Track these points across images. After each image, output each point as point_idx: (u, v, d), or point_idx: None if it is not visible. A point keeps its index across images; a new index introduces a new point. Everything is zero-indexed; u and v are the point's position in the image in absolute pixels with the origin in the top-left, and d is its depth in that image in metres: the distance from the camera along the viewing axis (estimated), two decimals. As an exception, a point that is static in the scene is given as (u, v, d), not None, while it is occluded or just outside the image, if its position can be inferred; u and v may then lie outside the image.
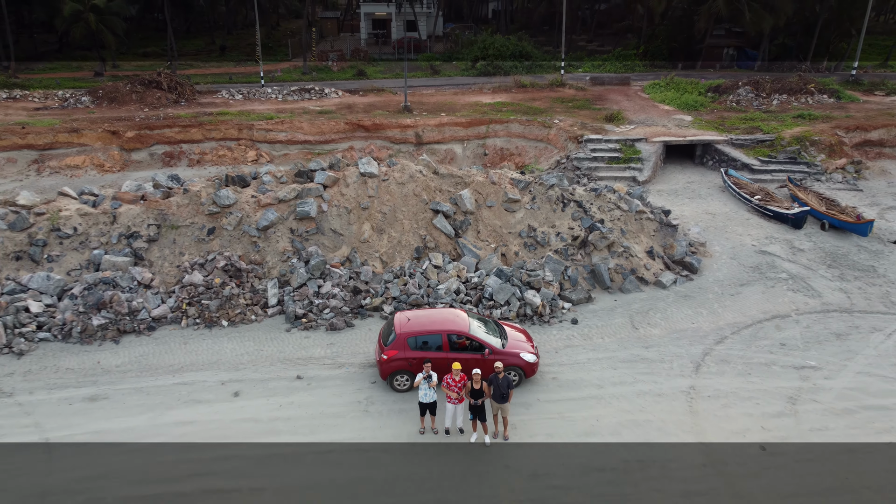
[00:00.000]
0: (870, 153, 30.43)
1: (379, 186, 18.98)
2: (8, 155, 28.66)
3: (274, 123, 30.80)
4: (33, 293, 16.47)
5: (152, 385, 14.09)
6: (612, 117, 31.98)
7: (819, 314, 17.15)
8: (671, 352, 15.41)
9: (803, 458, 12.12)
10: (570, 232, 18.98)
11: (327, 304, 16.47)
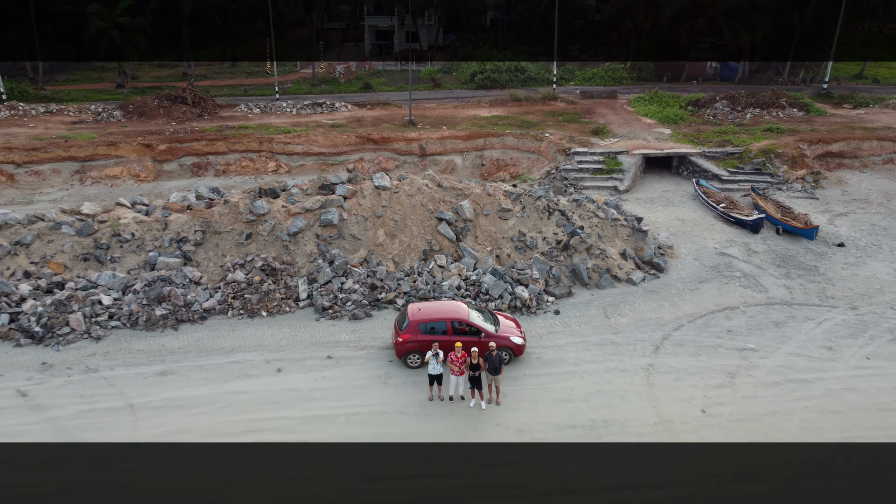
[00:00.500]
0: (830, 164, 33.54)
1: (391, 198, 22.05)
2: (53, 166, 31.71)
3: (291, 137, 33.87)
4: (102, 289, 19.51)
5: (209, 363, 17.16)
6: (598, 131, 35.08)
7: (763, 306, 20.24)
8: (636, 337, 18.49)
9: (734, 419, 15.19)
10: (554, 237, 22.06)
11: (349, 297, 19.53)
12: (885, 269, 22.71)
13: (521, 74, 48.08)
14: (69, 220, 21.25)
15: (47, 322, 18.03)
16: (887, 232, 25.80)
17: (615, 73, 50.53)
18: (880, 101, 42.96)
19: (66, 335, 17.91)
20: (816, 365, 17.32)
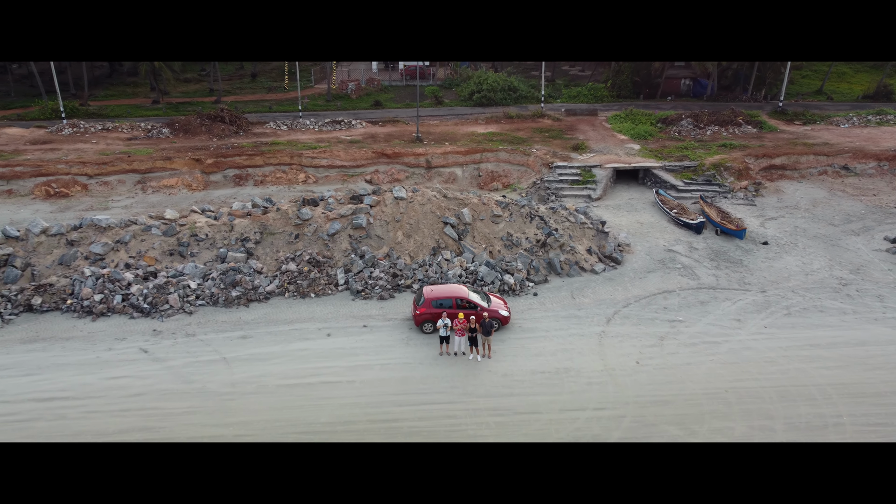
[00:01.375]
0: (773, 175, 39.42)
1: (407, 206, 27.89)
2: (119, 177, 37.50)
3: (318, 152, 39.68)
4: (188, 277, 25.32)
5: (276, 330, 23.00)
6: (578, 146, 40.94)
7: (694, 290, 26.14)
8: (594, 312, 24.36)
9: (659, 368, 21.06)
10: (535, 236, 27.92)
11: (377, 283, 25.37)
12: (795, 262, 28.62)
13: (514, 93, 53.90)
14: (156, 224, 27.10)
15: (152, 300, 23.87)
16: (805, 233, 31.71)
17: (597, 91, 56.37)
18: (826, 118, 48.87)
19: (167, 310, 23.75)
20: (725, 332, 23.21)
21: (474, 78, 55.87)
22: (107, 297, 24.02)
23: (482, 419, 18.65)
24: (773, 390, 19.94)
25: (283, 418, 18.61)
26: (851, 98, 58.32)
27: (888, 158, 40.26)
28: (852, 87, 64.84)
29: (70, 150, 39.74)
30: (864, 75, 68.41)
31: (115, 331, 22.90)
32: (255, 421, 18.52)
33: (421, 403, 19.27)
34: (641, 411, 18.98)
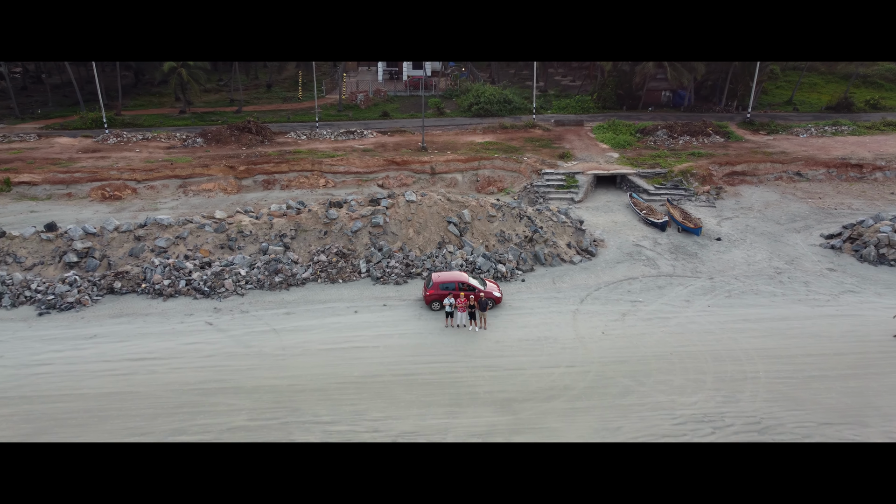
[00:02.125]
0: (734, 180, 44.77)
1: (417, 208, 33.20)
2: (163, 182, 42.76)
3: (335, 160, 44.97)
4: (238, 266, 30.61)
5: (313, 308, 28.31)
6: (564, 155, 46.26)
7: (654, 277, 31.48)
8: (570, 294, 29.70)
9: (619, 336, 26.38)
10: (523, 233, 33.25)
11: (393, 271, 30.67)
12: (741, 254, 33.98)
13: (509, 105, 59.16)
14: (209, 222, 32.40)
15: (211, 285, 29.18)
16: (754, 230, 37.08)
17: (584, 103, 61.65)
18: (788, 128, 54.23)
19: (223, 293, 29.06)
20: (676, 310, 28.56)
21: (473, 91, 61.16)
22: (173, 282, 29.33)
23: (479, 374, 23.96)
24: (707, 353, 25.28)
25: (325, 373, 23.91)
26: (816, 109, 63.62)
27: (836, 165, 45.64)
28: (821, 97, 70.02)
29: (119, 158, 45.02)
30: (834, 86, 73.67)
31: (183, 308, 28.23)
32: (303, 375, 23.81)
33: (431, 363, 24.59)
34: (603, 368, 24.30)
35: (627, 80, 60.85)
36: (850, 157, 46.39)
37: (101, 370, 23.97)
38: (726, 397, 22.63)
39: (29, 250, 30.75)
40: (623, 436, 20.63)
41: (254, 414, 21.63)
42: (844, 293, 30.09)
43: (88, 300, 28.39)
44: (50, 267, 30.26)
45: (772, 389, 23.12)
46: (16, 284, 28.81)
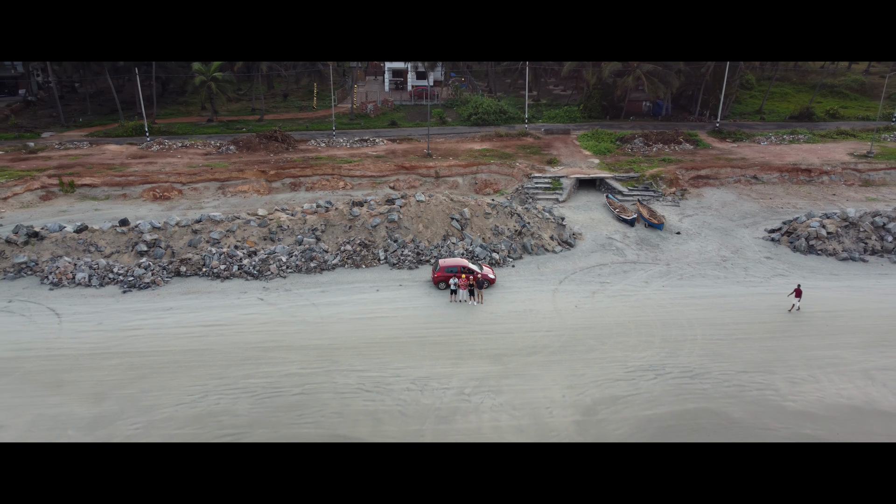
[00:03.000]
0: (699, 183, 51.15)
1: (425, 207, 39.60)
2: (204, 184, 49.10)
3: (352, 165, 51.34)
4: (280, 253, 36.98)
5: (343, 287, 34.70)
6: (551, 161, 52.65)
7: (621, 264, 37.90)
8: (551, 277, 36.11)
9: (588, 309, 32.80)
10: (514, 228, 39.66)
11: (406, 258, 37.07)
12: (696, 246, 40.42)
13: (504, 115, 65.51)
14: (253, 218, 38.79)
15: (259, 269, 35.58)
16: (710, 226, 43.51)
17: (572, 113, 68.07)
18: (751, 136, 60.67)
19: (269, 275, 35.45)
20: (636, 289, 34.98)
21: (472, 102, 67.55)
22: (228, 266, 35.73)
23: (476, 336, 30.37)
24: (658, 322, 31.69)
25: (355, 336, 30.30)
26: (782, 118, 70.04)
27: (787, 170, 52.09)
28: (789, 106, 76.29)
29: (164, 164, 51.39)
30: (803, 95, 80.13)
31: (238, 288, 34.63)
32: (338, 337, 30.20)
33: (439, 328, 30.99)
34: (574, 332, 30.70)
35: (611, 92, 67.24)
36: (801, 163, 52.85)
37: (180, 333, 30.38)
38: (669, 353, 29.05)
39: (107, 241, 37.14)
40: (586, 380, 27.04)
41: (303, 364, 28.03)
42: (776, 276, 36.55)
43: (161, 281, 34.79)
44: (125, 255, 36.65)
45: (705, 348, 29.54)
46: (101, 268, 35.19)
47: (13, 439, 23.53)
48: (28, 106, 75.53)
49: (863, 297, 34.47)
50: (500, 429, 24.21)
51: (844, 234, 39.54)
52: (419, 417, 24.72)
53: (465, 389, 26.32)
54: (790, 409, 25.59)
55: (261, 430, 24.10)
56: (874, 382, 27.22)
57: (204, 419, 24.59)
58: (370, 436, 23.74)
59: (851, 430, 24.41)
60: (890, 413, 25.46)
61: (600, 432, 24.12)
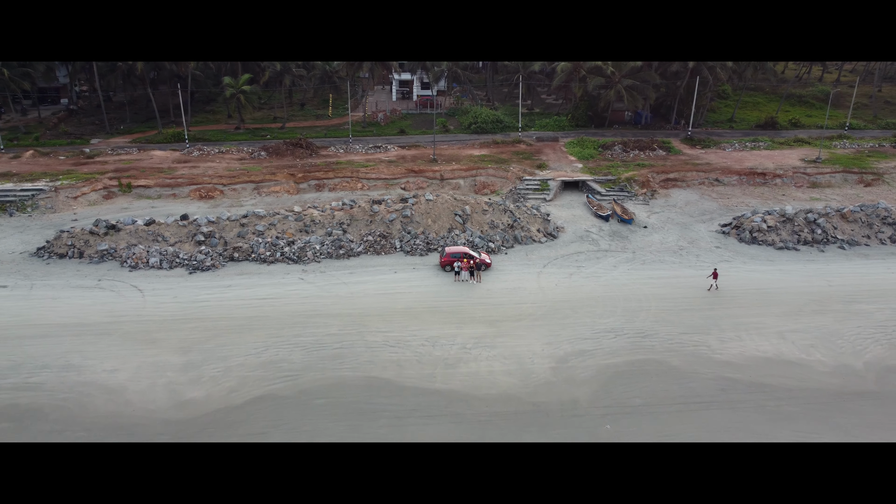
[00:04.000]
0: (668, 184, 58.59)
1: (433, 204, 47.08)
2: (241, 186, 56.56)
3: (368, 169, 58.81)
4: (314, 243, 44.45)
5: (367, 269, 42.19)
6: (540, 165, 60.12)
7: (594, 252, 45.41)
8: (537, 262, 43.61)
9: (566, 287, 40.31)
10: (507, 222, 47.17)
11: (417, 247, 44.56)
12: (658, 237, 47.91)
13: (500, 124, 72.95)
14: (290, 214, 46.29)
15: (298, 255, 43.08)
16: (673, 221, 51.00)
17: (561, 122, 75.52)
18: (718, 144, 68.13)
19: (306, 260, 42.95)
20: (606, 272, 42.48)
21: (472, 112, 75.04)
22: (272, 253, 43.23)
23: (475, 307, 37.82)
24: (620, 296, 39.16)
25: (380, 306, 37.74)
26: (749, 126, 77.46)
27: (745, 174, 59.56)
28: (760, 115, 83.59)
29: (206, 168, 58.88)
30: (774, 105, 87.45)
31: (282, 270, 42.12)
32: (366, 307, 37.64)
33: (446, 301, 38.48)
34: (553, 304, 38.16)
35: (595, 104, 74.69)
36: (757, 167, 60.36)
37: (240, 304, 37.88)
38: (627, 320, 36.55)
39: (171, 232, 44.65)
40: (561, 338, 34.49)
41: (340, 327, 35.51)
42: (722, 262, 44.04)
43: (219, 264, 42.30)
44: (186, 244, 44.14)
45: (656, 316, 37.04)
46: (169, 254, 42.70)
47: (125, 380, 31.01)
48: (71, 114, 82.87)
49: (790, 278, 42.02)
50: (494, 372, 31.72)
51: (782, 228, 47.07)
52: (432, 364, 32.23)
53: (467, 345, 33.84)
54: (717, 359, 33.11)
55: (311, 373, 31.60)
56: (785, 341, 34.74)
57: (267, 365, 32.10)
58: (395, 377, 31.23)
59: (761, 374, 31.94)
60: (792, 362, 33.01)
61: (570, 375, 31.63)
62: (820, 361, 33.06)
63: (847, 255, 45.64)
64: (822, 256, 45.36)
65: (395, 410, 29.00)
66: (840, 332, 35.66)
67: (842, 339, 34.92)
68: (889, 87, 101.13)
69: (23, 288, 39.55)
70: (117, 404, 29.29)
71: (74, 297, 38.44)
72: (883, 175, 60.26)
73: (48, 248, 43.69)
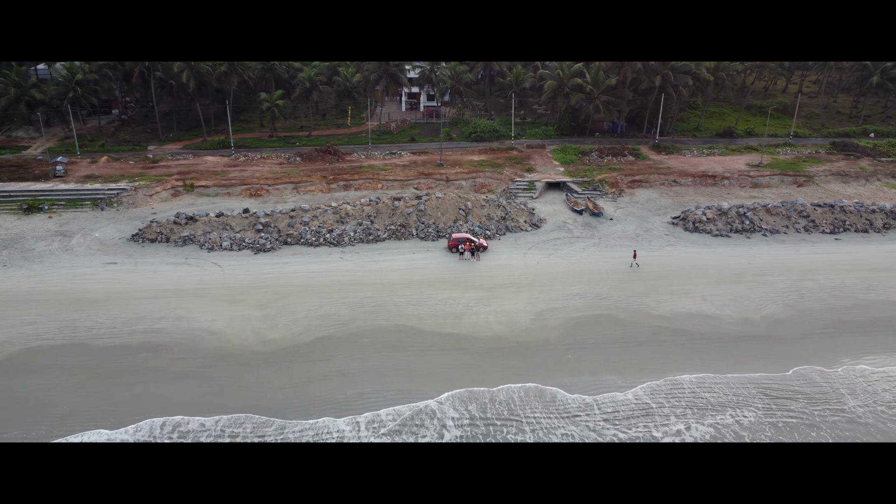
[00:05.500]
0: (634, 185, 69.90)
1: (442, 200, 58.48)
2: (283, 186, 67.88)
3: (386, 172, 70.13)
4: (349, 230, 55.83)
5: (391, 251, 53.61)
6: (529, 169, 71.47)
7: (569, 238, 56.84)
8: (523, 245, 55.01)
9: (545, 264, 51.69)
10: (500, 215, 58.58)
11: (430, 234, 55.99)
12: (621, 227, 59.33)
13: (496, 133, 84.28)
14: (329, 208, 57.72)
15: (337, 240, 54.52)
16: (634, 215, 62.39)
17: (548, 131, 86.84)
18: (679, 150, 79.50)
19: (344, 244, 54.36)
20: (576, 253, 53.90)
21: (472, 123, 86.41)
22: (317, 238, 54.62)
23: (475, 277, 49.19)
24: (585, 271, 50.54)
25: (402, 278, 49.07)
26: (710, 135, 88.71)
27: (698, 176, 70.92)
28: (723, 123, 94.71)
29: (253, 171, 70.22)
30: (736, 115, 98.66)
31: (325, 251, 53.51)
32: (392, 279, 48.95)
33: (453, 273, 49.86)
34: (535, 276, 49.54)
35: (578, 115, 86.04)
36: (709, 171, 71.77)
37: (297, 276, 49.26)
38: (589, 287, 47.94)
39: (236, 223, 56.05)
40: (539, 300, 45.85)
41: (373, 292, 46.82)
42: (667, 246, 55.48)
43: (276, 247, 53.71)
44: (249, 231, 55.51)
45: (612, 285, 48.44)
46: (237, 239, 54.08)
47: (222, 326, 42.38)
48: (124, 124, 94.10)
49: (719, 258, 53.47)
50: (489, 322, 43.09)
51: (718, 220, 58.55)
52: (443, 316, 43.62)
53: (469, 304, 45.23)
54: (653, 314, 44.51)
55: (356, 322, 42.97)
56: (706, 302, 46.17)
57: (324, 317, 43.46)
58: (417, 325, 42.56)
59: (684, 324, 43.31)
60: (708, 315, 44.42)
61: (544, 324, 43.01)
62: (729, 315, 44.51)
63: (768, 241, 57.16)
64: (747, 242, 56.86)
65: (419, 346, 40.40)
66: (748, 296, 47.09)
67: (748, 301, 46.35)
68: (844, 98, 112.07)
69: (129, 264, 50.98)
70: (220, 342, 40.69)
71: (170, 271, 49.86)
72: (813, 177, 71.71)
73: (141, 234, 55.09)
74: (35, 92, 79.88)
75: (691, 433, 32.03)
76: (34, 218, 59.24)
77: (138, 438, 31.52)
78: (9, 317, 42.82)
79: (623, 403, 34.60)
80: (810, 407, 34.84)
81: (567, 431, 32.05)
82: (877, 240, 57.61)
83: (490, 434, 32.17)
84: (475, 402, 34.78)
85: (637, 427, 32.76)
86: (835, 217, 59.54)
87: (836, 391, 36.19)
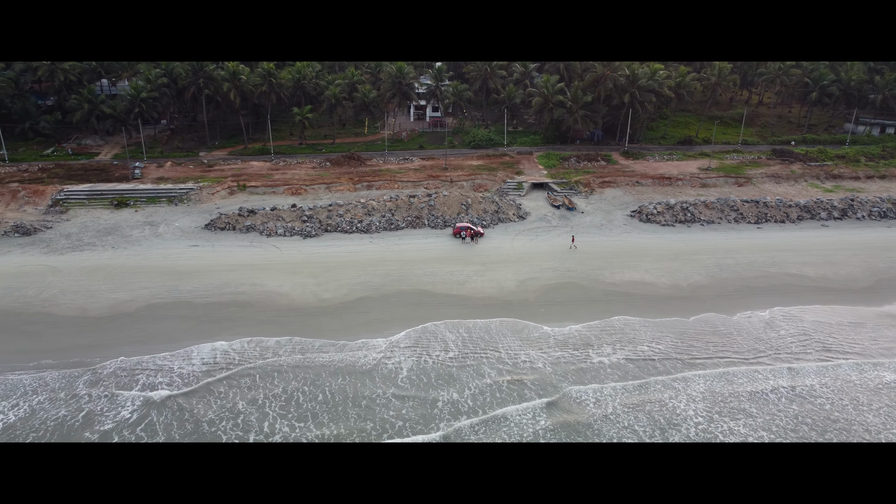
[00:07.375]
0: (604, 185, 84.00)
1: (447, 197, 72.70)
2: (318, 186, 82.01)
3: (401, 175, 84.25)
4: (375, 220, 70.05)
5: (408, 237, 67.80)
6: (518, 172, 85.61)
7: (548, 227, 71.05)
8: (512, 233, 69.22)
9: (528, 247, 66.08)
10: (493, 209, 72.78)
11: (438, 224, 70.20)
12: (590, 219, 73.53)
13: (492, 141, 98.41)
14: (359, 204, 71.94)
15: (366, 228, 68.77)
16: (601, 209, 76.59)
17: (535, 140, 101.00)
18: (644, 156, 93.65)
19: (372, 232, 68.60)
20: (553, 238, 68.13)
21: (471, 132, 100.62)
22: (350, 227, 68.83)
23: (474, 256, 63.37)
24: (560, 251, 64.74)
25: (418, 257, 63.23)
26: (673, 142, 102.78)
27: (657, 178, 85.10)
28: (688, 132, 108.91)
29: (292, 174, 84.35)
30: (700, 124, 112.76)
31: (357, 237, 67.70)
32: (410, 257, 63.09)
33: (456, 253, 64.03)
34: (520, 255, 63.74)
35: (560, 126, 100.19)
36: (666, 173, 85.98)
37: (338, 255, 63.48)
38: (560, 263, 62.16)
39: (287, 215, 70.25)
40: (522, 272, 60.13)
41: (397, 266, 60.99)
42: (624, 234, 69.73)
43: (319, 234, 67.94)
44: (296, 222, 69.69)
45: (578, 261, 62.66)
46: (288, 228, 68.28)
47: (288, 290, 56.63)
48: (173, 133, 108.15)
49: (663, 242, 67.72)
50: (484, 287, 57.28)
51: (666, 213, 72.81)
52: (450, 284, 57.81)
53: (470, 275, 59.45)
54: (606, 282, 58.71)
55: (386, 287, 57.13)
56: (648, 273, 60.41)
57: (361, 284, 57.63)
58: (431, 289, 56.75)
59: (629, 289, 57.56)
60: (648, 283, 58.64)
61: (525, 288, 57.23)
62: (664, 283, 58.76)
63: (704, 229, 71.45)
64: (688, 230, 71.15)
65: (433, 303, 54.56)
66: (681, 269, 61.35)
67: (680, 273, 60.60)
68: (798, 108, 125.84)
69: (207, 246, 65.22)
70: (288, 300, 54.89)
71: (241, 251, 64.09)
72: (752, 179, 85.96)
73: (212, 224, 69.28)
74: (104, 107, 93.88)
75: (616, 356, 46.25)
76: (123, 212, 73.48)
77: (234, 347, 45.93)
78: (129, 283, 57.05)
79: (570, 335, 48.84)
80: (706, 337, 49.14)
81: (528, 355, 46.24)
82: (790, 228, 71.95)
83: (472, 343, 46.40)
84: (463, 327, 49.16)
85: (578, 348, 46.96)
86: (759, 210, 73.82)
87: (728, 330, 50.49)
